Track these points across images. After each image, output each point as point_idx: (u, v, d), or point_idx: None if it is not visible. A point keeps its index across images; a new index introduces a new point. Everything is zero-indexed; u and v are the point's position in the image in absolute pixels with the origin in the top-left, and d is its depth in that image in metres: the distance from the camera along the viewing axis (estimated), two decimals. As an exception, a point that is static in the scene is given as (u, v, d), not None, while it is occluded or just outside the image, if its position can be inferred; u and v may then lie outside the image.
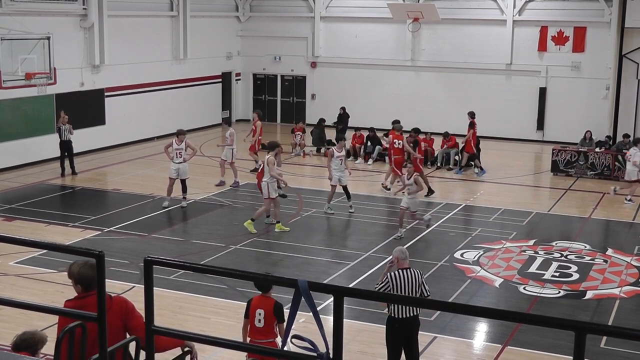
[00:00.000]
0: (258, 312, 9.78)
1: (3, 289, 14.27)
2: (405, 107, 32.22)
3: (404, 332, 10.47)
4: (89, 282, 6.00)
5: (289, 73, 35.81)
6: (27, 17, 24.36)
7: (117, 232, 18.34)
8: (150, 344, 4.15)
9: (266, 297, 9.85)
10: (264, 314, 9.74)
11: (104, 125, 28.44)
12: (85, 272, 6.03)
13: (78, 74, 27.04)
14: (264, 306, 9.77)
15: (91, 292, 5.94)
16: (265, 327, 9.76)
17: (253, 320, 9.83)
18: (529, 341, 12.54)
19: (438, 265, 16.30)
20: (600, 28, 30.12)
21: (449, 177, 25.28)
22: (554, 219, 20.53)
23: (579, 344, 3.30)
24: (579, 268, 16.24)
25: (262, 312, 9.75)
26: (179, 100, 31.93)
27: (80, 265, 6.11)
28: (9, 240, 4.60)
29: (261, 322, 9.75)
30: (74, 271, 6.11)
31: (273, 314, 9.72)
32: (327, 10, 34.46)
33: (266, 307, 9.75)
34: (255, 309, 9.82)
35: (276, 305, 9.77)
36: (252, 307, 9.88)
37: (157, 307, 4.23)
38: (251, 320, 9.87)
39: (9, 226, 18.57)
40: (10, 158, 24.75)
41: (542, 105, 31.46)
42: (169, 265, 4.31)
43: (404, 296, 7.26)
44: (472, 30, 32.09)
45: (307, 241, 17.81)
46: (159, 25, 31.08)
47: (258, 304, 9.85)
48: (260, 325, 9.76)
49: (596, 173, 25.13)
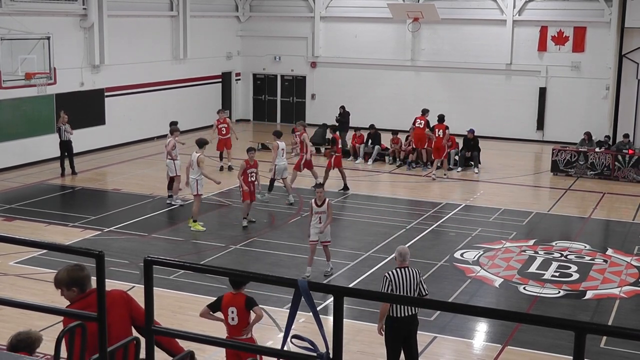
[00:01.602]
0: (230, 310, 9.74)
1: (3, 289, 14.28)
2: (405, 107, 32.21)
3: (402, 331, 10.48)
4: (83, 281, 5.99)
5: (289, 73, 35.81)
6: (27, 17, 24.36)
7: (117, 232, 18.34)
8: (151, 343, 4.15)
9: (236, 294, 9.80)
10: (237, 311, 9.71)
11: (104, 125, 28.44)
12: (77, 274, 5.99)
13: (78, 74, 27.04)
14: (236, 304, 9.73)
15: (90, 291, 5.95)
16: (240, 323, 9.73)
17: (227, 318, 9.81)
18: (529, 341, 12.54)
19: (438, 265, 16.30)
20: (600, 28, 30.13)
21: (449, 177, 25.26)
22: (554, 219, 20.53)
23: (579, 344, 3.30)
24: (578, 268, 16.24)
25: (234, 310, 9.71)
26: (179, 100, 31.93)
27: (68, 269, 6.06)
28: (9, 240, 4.60)
29: (235, 319, 9.72)
30: (64, 277, 6.02)
31: (245, 309, 9.70)
32: (327, 10, 34.47)
33: (238, 305, 9.71)
34: (227, 307, 9.78)
35: (247, 299, 9.73)
36: (224, 305, 9.82)
37: (157, 307, 4.24)
38: (225, 319, 9.85)
39: (9, 226, 18.57)
40: (10, 158, 24.75)
41: (542, 105, 31.46)
42: (169, 265, 4.31)
43: (404, 296, 7.29)
44: (472, 30, 32.09)
45: (307, 241, 17.79)
46: (159, 25, 31.08)
47: (229, 302, 9.79)
48: (235, 322, 9.73)
49: (596, 173, 25.13)
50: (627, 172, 24.75)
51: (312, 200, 15.38)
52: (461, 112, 31.88)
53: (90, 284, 5.99)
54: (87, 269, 6.02)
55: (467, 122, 29.37)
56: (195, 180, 18.61)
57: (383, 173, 25.80)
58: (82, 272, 6.00)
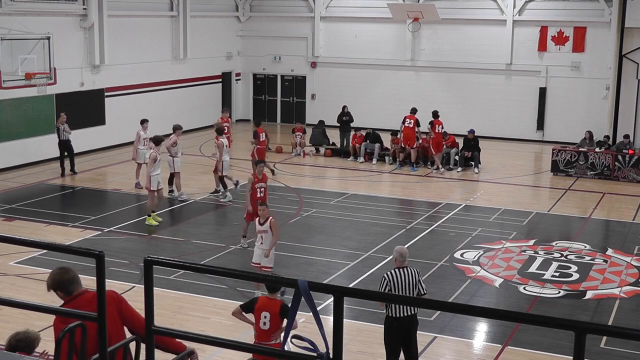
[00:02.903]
0: (263, 314, 9.68)
1: (3, 289, 14.27)
2: (405, 107, 32.02)
3: (402, 331, 10.49)
4: (67, 284, 5.87)
5: (289, 73, 35.81)
6: (27, 17, 24.36)
7: (117, 232, 18.34)
8: (151, 344, 4.15)
9: (272, 299, 9.77)
10: (270, 316, 9.66)
11: (104, 125, 28.44)
12: (59, 277, 5.87)
13: (78, 74, 27.04)
14: (270, 309, 9.68)
15: (77, 294, 5.84)
16: (271, 329, 9.69)
17: (258, 322, 9.75)
18: (529, 341, 12.54)
19: (438, 265, 16.30)
20: (600, 28, 30.13)
21: (448, 177, 25.28)
22: (554, 219, 20.53)
23: (579, 344, 3.30)
24: (579, 268, 16.24)
25: (267, 315, 9.66)
26: (179, 101, 31.93)
27: (52, 273, 5.99)
28: (9, 240, 4.60)
29: (266, 324, 9.67)
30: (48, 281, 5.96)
31: (279, 316, 9.66)
32: (327, 10, 34.47)
33: (272, 310, 9.67)
34: (260, 311, 9.73)
35: (282, 306, 9.69)
36: (257, 308, 9.78)
37: (157, 307, 4.24)
38: (256, 322, 9.80)
39: (9, 226, 18.57)
40: (11, 158, 24.75)
41: (542, 105, 31.46)
42: (169, 265, 4.30)
43: (404, 296, 7.29)
44: (472, 30, 32.10)
45: (307, 241, 17.81)
46: (159, 25, 31.08)
47: (263, 306, 9.75)
48: (266, 327, 9.68)
49: (596, 173, 25.12)
50: (627, 172, 24.75)
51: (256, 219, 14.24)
52: (461, 112, 31.89)
53: (76, 286, 5.85)
54: (73, 272, 5.91)
55: (467, 122, 29.38)
56: (150, 177, 19.01)
57: (383, 173, 25.80)
58: (66, 274, 5.88)
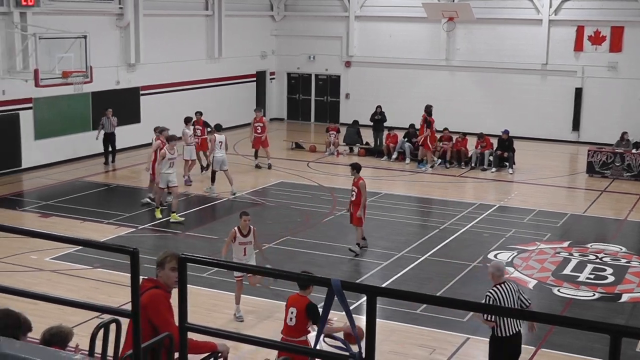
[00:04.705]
0: (291, 310, 9.75)
1: (39, 284, 14.45)
2: (440, 107, 31.92)
3: (509, 349, 10.08)
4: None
5: (323, 72, 35.82)
6: (64, 16, 24.65)
7: (151, 230, 18.47)
8: (184, 340, 4.17)
9: (301, 296, 9.81)
10: (296, 312, 9.70)
11: (139, 123, 28.64)
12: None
13: (114, 73, 27.28)
14: (297, 305, 9.73)
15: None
16: (297, 325, 9.71)
17: (286, 318, 9.82)
18: (562, 344, 12.43)
19: (471, 266, 16.21)
20: (638, 28, 29.76)
21: (482, 177, 25.13)
22: (589, 221, 20.33)
23: (615, 347, 3.27)
24: (614, 270, 16.06)
25: (294, 311, 9.71)
26: (214, 99, 32.05)
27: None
28: (45, 236, 4.65)
29: (292, 320, 9.72)
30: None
31: (305, 313, 9.66)
32: (362, 10, 34.43)
33: (299, 306, 9.71)
34: (289, 307, 9.81)
35: (309, 305, 9.68)
36: (287, 305, 9.86)
37: (191, 305, 4.26)
38: (285, 318, 9.86)
39: (45, 223, 18.79)
40: (47, 155, 25.02)
41: (577, 106, 31.15)
42: (203, 263, 4.33)
43: (447, 298, 7.16)
44: (508, 30, 31.87)
45: (340, 240, 17.79)
46: (194, 25, 31.25)
47: (292, 302, 9.82)
48: (292, 323, 9.73)
49: (632, 175, 24.81)
50: (664, 174, 24.43)
51: (234, 228, 13.32)
52: (496, 113, 31.68)
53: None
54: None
55: (502, 123, 29.15)
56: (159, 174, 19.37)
57: (416, 173, 25.70)
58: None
